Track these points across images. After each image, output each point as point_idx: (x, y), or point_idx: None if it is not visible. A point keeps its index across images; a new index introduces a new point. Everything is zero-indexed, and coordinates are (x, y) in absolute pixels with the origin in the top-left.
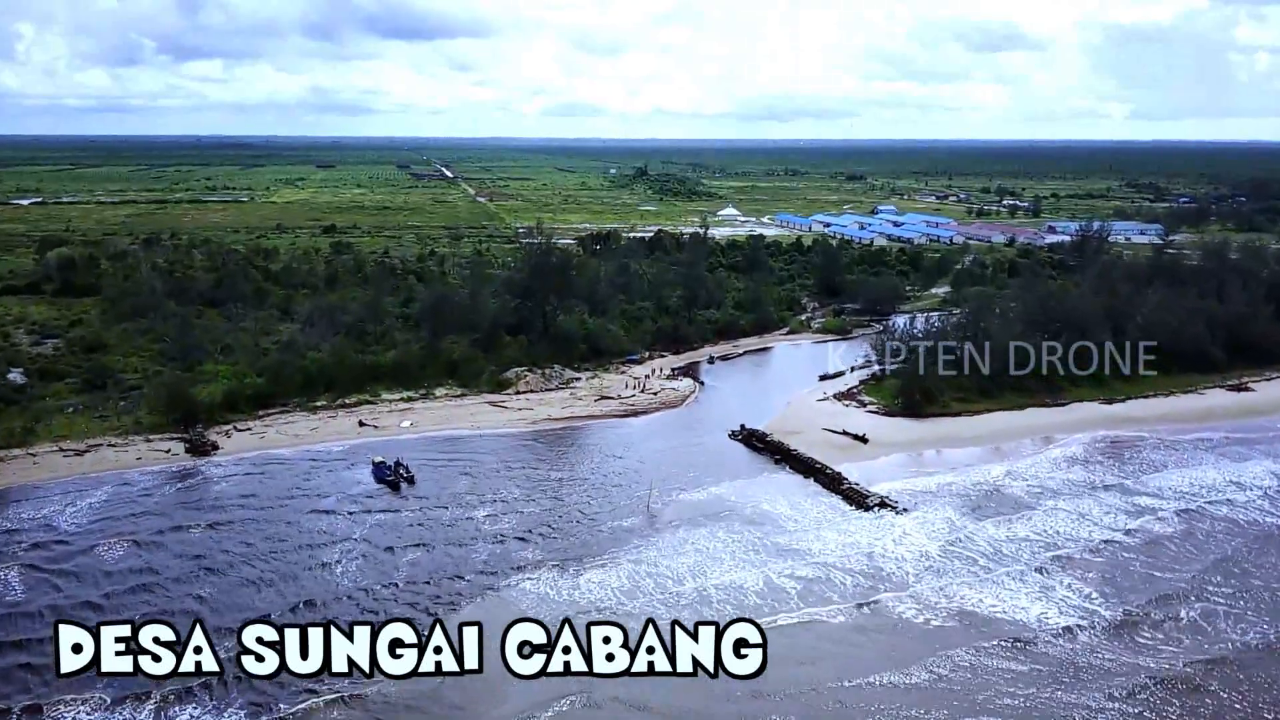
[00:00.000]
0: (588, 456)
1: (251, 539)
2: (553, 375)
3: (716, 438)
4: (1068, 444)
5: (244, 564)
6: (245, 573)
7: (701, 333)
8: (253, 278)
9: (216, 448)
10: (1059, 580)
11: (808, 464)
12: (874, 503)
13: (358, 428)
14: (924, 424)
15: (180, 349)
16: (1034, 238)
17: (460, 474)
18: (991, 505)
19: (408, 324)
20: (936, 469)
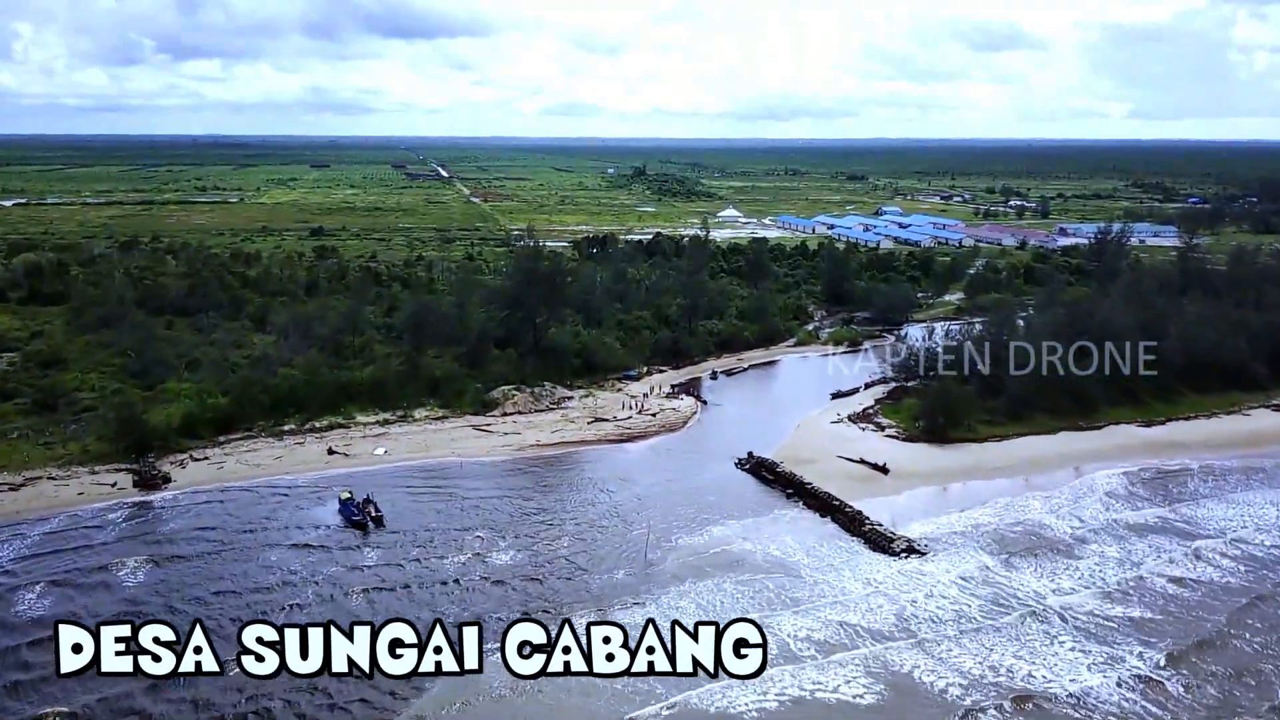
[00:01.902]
0: (578, 491)
1: (191, 589)
2: (543, 394)
3: (721, 467)
4: (1107, 474)
5: (175, 616)
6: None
7: (703, 345)
8: (229, 285)
9: (168, 480)
10: (1118, 645)
11: (824, 500)
12: (900, 547)
13: (326, 456)
14: (949, 451)
15: (143, 365)
16: (1046, 240)
17: (435, 513)
18: (1030, 550)
19: (390, 335)
20: (966, 504)
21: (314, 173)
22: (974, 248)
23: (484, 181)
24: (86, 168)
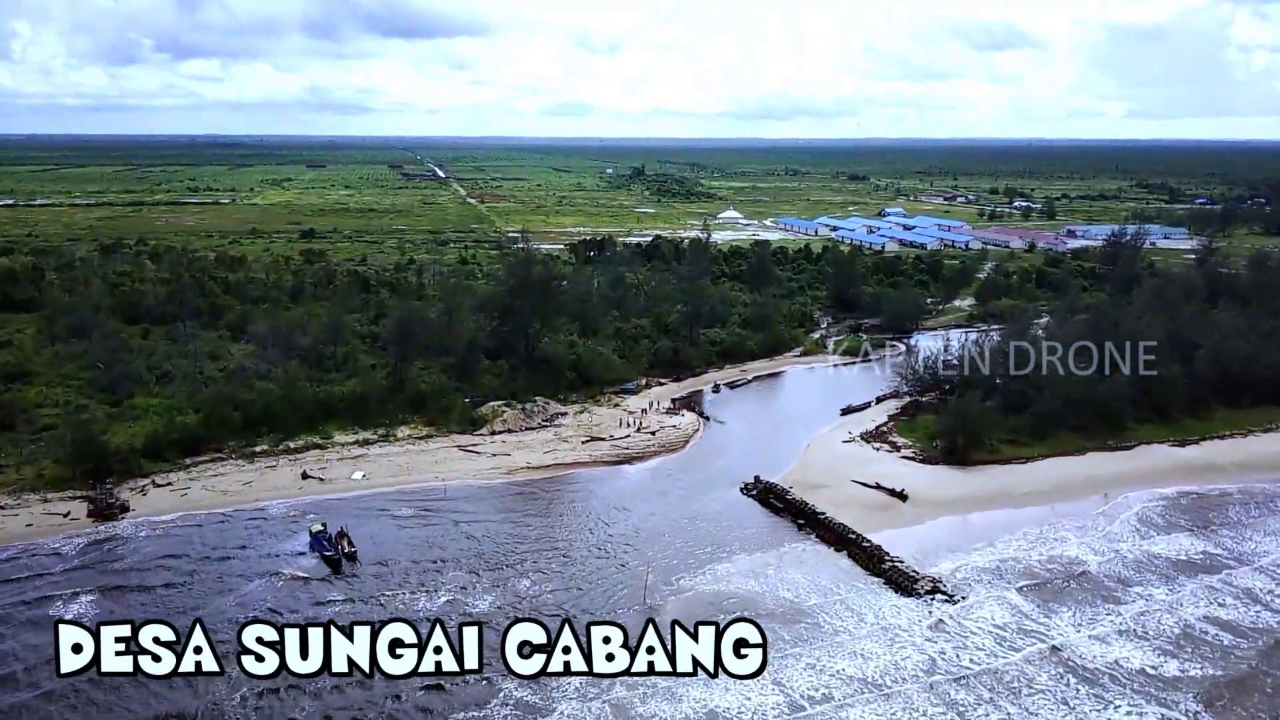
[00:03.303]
0: (571, 521)
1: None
2: (534, 411)
3: (726, 493)
4: (1142, 501)
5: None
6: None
7: (705, 355)
8: (210, 291)
9: (126, 510)
10: (1176, 707)
11: (839, 533)
12: (925, 589)
13: (300, 481)
14: (971, 474)
15: (112, 378)
16: (1055, 243)
17: (413, 547)
18: (1067, 593)
19: (375, 344)
20: (993, 536)
21: (309, 173)
22: (982, 250)
23: (481, 182)
24: (80, 168)
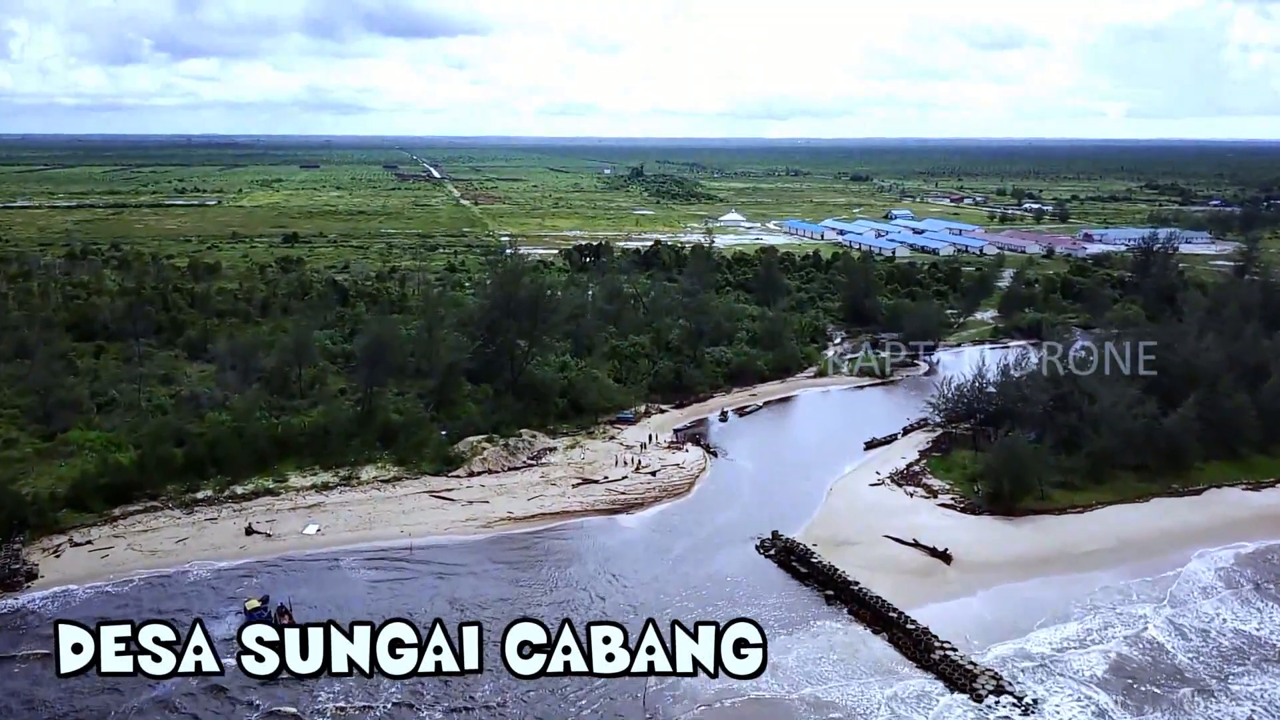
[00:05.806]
0: (556, 592)
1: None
2: (519, 446)
3: (739, 551)
4: (1225, 562)
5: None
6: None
7: (710, 377)
8: (173, 304)
9: (33, 577)
10: None
11: (876, 610)
12: (986, 688)
13: (243, 538)
14: (1022, 527)
15: (48, 408)
16: (1074, 248)
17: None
18: (1159, 692)
19: (347, 365)
20: (1060, 611)
21: (302, 173)
22: (998, 256)
23: (476, 183)
24: (69, 169)
